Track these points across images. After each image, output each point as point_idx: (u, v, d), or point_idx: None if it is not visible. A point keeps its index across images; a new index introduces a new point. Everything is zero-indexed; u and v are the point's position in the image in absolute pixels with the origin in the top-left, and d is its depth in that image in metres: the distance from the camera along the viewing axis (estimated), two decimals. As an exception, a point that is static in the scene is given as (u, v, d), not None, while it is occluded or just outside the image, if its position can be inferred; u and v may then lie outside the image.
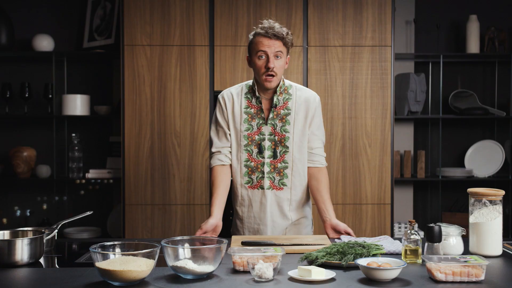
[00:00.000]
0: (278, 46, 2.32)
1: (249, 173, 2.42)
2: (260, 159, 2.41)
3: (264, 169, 2.41)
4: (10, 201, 4.15)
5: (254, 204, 2.44)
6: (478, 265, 1.70)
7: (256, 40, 2.35)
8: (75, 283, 1.69)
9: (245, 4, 3.57)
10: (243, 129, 2.42)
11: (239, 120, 2.43)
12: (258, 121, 2.42)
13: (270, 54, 2.31)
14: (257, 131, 2.41)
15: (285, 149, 2.41)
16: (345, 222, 3.57)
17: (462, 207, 4.18)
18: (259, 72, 2.35)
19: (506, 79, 4.19)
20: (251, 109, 2.43)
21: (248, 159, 2.42)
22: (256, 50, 2.34)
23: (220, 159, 2.45)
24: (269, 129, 2.41)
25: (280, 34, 2.31)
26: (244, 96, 2.44)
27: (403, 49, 4.21)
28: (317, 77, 3.58)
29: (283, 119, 2.41)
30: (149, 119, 3.58)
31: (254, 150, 2.41)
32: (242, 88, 2.47)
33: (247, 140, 2.41)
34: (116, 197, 4.14)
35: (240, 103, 2.44)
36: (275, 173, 2.42)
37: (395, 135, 4.11)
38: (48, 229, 2.12)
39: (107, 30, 4.05)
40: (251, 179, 2.43)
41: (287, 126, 2.41)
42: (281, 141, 2.40)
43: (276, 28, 2.32)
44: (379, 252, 1.96)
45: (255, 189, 2.43)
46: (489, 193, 2.06)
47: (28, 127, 4.19)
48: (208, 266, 1.73)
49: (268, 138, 2.41)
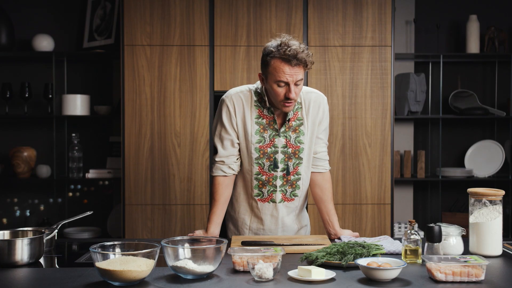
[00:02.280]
0: (299, 73, 2.13)
1: (259, 186, 2.29)
2: (272, 173, 2.27)
3: (276, 183, 2.29)
4: (10, 201, 4.15)
5: (265, 217, 2.34)
6: (478, 265, 1.70)
7: (275, 66, 2.11)
8: (75, 283, 1.69)
9: (245, 4, 3.57)
10: (254, 141, 2.24)
11: (250, 131, 2.25)
12: (270, 133, 2.24)
13: (291, 83, 2.12)
14: (269, 143, 2.25)
15: (299, 160, 2.28)
16: (345, 222, 3.58)
17: (462, 207, 4.18)
18: (277, 98, 2.16)
19: (506, 79, 4.19)
20: (262, 119, 2.25)
21: (259, 172, 2.27)
22: (276, 78, 2.12)
23: (223, 170, 2.28)
24: (283, 141, 2.25)
25: (304, 61, 2.10)
26: (255, 104, 2.25)
27: (403, 49, 4.21)
28: (317, 77, 3.58)
29: (296, 130, 2.26)
30: (149, 119, 3.58)
31: (266, 163, 2.25)
32: (251, 95, 2.26)
33: (258, 153, 2.25)
34: (116, 197, 4.14)
35: (250, 112, 2.25)
36: (287, 185, 2.30)
37: (395, 135, 4.11)
38: (48, 229, 2.12)
39: (107, 30, 4.05)
40: (261, 192, 2.30)
41: (301, 137, 2.27)
42: (295, 153, 2.27)
43: (300, 54, 2.09)
44: (379, 252, 1.96)
45: (265, 202, 2.31)
46: (489, 193, 2.06)
47: (28, 127, 4.19)
48: (208, 266, 1.73)
49: (281, 150, 2.26)
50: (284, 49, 2.09)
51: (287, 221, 2.38)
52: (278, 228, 2.38)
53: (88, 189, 4.15)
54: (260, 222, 2.36)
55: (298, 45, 2.12)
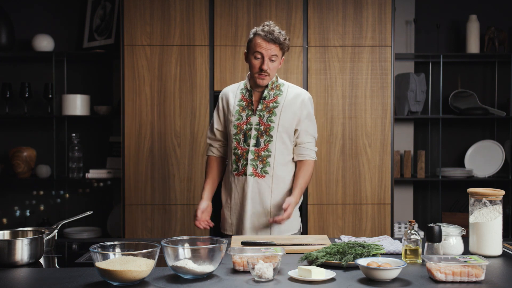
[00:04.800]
0: (274, 50, 2.46)
1: (236, 160, 2.55)
2: (246, 147, 2.53)
3: (248, 157, 2.52)
4: (10, 201, 4.15)
5: (239, 189, 2.55)
6: (478, 265, 1.70)
7: (254, 40, 2.48)
8: (75, 283, 1.69)
9: (245, 4, 3.57)
10: (234, 120, 2.56)
11: (232, 111, 2.58)
12: (247, 112, 2.55)
13: (266, 57, 2.45)
14: (245, 121, 2.54)
15: (269, 138, 2.51)
16: (345, 222, 3.58)
17: (462, 207, 4.18)
18: (253, 70, 2.50)
19: (506, 79, 4.19)
20: (243, 102, 2.58)
21: (236, 147, 2.55)
22: (254, 50, 2.47)
23: (212, 151, 2.68)
24: (257, 119, 2.53)
25: (278, 39, 2.44)
26: (240, 91, 2.61)
27: (403, 49, 4.21)
28: (317, 77, 3.58)
29: (270, 111, 2.53)
30: (149, 119, 3.58)
31: (241, 138, 2.54)
32: (239, 85, 2.65)
33: (236, 129, 2.55)
34: (116, 197, 4.14)
35: (235, 98, 2.60)
36: (258, 160, 2.51)
37: (395, 135, 4.11)
38: (48, 229, 2.12)
39: (107, 30, 4.05)
40: (238, 166, 2.54)
41: (273, 117, 2.53)
42: (266, 130, 2.51)
43: (275, 33, 2.44)
44: (379, 252, 1.96)
45: (240, 176, 2.54)
46: (489, 193, 2.06)
47: (28, 127, 4.19)
48: (208, 266, 1.73)
49: (254, 127, 2.53)
50: (263, 28, 2.47)
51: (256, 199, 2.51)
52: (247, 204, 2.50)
53: (88, 189, 4.15)
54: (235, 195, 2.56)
55: (277, 29, 2.47)
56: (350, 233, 3.57)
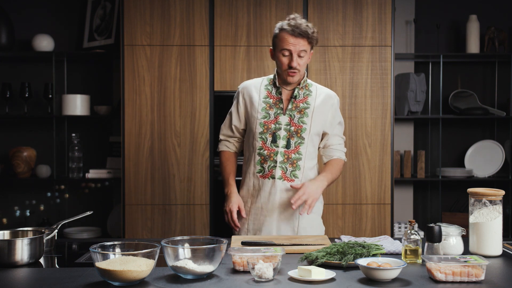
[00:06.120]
0: (302, 45, 2.32)
1: (261, 161, 2.40)
2: (274, 148, 2.39)
3: (277, 159, 2.38)
4: (10, 201, 4.15)
5: (263, 193, 2.40)
6: (478, 265, 1.70)
7: (281, 36, 2.34)
8: (75, 283, 1.69)
9: (245, 4, 3.57)
10: (260, 117, 2.41)
11: (257, 108, 2.43)
12: (276, 111, 2.41)
13: (294, 53, 2.32)
14: (274, 119, 2.40)
15: (300, 140, 2.39)
16: (345, 222, 3.58)
17: (462, 207, 4.18)
18: (282, 67, 2.37)
19: (506, 79, 4.19)
20: (270, 99, 2.43)
21: (262, 147, 2.40)
22: (281, 47, 2.34)
23: (228, 146, 2.55)
24: (287, 119, 2.40)
25: (306, 33, 2.31)
26: (264, 87, 2.46)
27: (403, 49, 4.21)
28: (317, 77, 3.58)
29: (301, 112, 2.41)
30: (149, 119, 3.58)
31: (269, 138, 2.39)
32: (262, 81, 2.49)
33: (262, 128, 2.40)
34: (116, 197, 4.14)
35: (259, 93, 2.45)
36: (288, 163, 2.39)
37: (395, 135, 4.11)
38: (48, 229, 2.12)
39: (107, 30, 4.05)
40: (263, 168, 2.40)
41: (305, 118, 2.40)
42: (297, 132, 2.39)
43: (303, 26, 2.31)
44: (379, 252, 1.96)
45: (266, 178, 2.39)
46: (489, 193, 2.06)
47: (28, 127, 4.19)
48: (208, 266, 1.73)
49: (284, 128, 2.40)
50: (289, 22, 2.33)
51: (285, 202, 2.38)
52: (274, 209, 2.38)
53: (88, 189, 4.14)
54: (258, 199, 2.41)
55: (304, 21, 2.34)
56: (350, 233, 3.57)
